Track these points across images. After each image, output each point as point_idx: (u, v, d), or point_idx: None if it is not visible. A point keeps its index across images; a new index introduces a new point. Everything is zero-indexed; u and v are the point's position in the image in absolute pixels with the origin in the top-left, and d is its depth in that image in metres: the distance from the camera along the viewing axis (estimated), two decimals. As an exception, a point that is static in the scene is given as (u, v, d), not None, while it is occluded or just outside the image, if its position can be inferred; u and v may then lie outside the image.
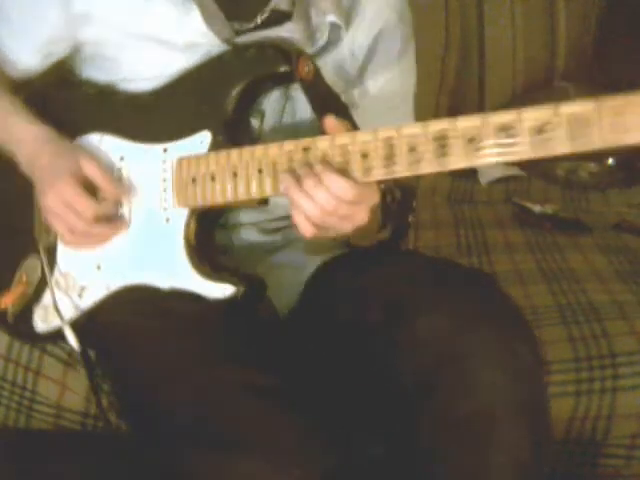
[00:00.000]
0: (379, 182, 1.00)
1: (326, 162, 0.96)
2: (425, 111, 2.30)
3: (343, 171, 0.95)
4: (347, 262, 1.19)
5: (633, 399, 1.34)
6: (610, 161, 2.25)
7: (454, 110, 2.40)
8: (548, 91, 2.39)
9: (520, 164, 2.33)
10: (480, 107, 2.44)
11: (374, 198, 0.99)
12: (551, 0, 2.44)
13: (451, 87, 2.39)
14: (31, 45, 1.19)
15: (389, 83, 1.24)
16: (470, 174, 2.29)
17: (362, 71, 1.21)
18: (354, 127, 1.02)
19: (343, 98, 1.17)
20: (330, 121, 0.98)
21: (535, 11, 2.43)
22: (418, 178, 2.35)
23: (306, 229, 0.97)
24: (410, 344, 0.99)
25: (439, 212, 2.07)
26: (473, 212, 2.06)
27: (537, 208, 2.00)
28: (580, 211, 2.06)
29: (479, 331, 0.97)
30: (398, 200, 1.13)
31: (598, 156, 2.26)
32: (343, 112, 1.09)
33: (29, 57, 1.21)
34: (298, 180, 0.95)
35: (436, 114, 2.35)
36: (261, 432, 0.92)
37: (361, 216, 0.98)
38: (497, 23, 2.41)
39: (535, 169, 2.31)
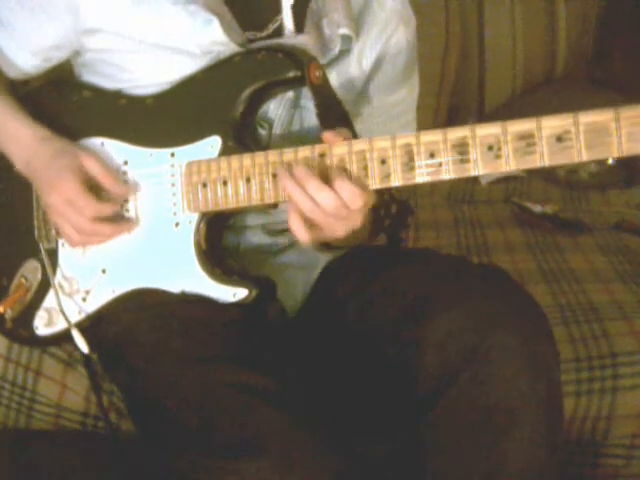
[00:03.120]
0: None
1: (341, 166, 0.97)
2: (425, 111, 2.31)
3: (359, 177, 0.96)
4: (356, 262, 1.19)
5: (633, 399, 1.34)
6: (610, 161, 2.25)
7: (454, 110, 2.40)
8: (548, 91, 2.39)
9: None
10: (480, 107, 2.44)
11: (370, 203, 1.00)
12: (551, 0, 2.45)
13: (451, 87, 2.39)
14: (31, 49, 1.18)
15: (394, 93, 1.24)
16: (470, 174, 2.28)
17: (369, 80, 1.21)
18: (353, 136, 1.02)
19: (347, 107, 1.17)
20: (328, 135, 0.99)
21: (535, 11, 2.43)
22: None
23: (301, 233, 0.98)
24: (430, 341, 1.00)
25: (439, 212, 2.07)
26: (473, 212, 2.06)
27: (537, 208, 2.00)
28: (580, 211, 2.06)
29: (499, 327, 0.98)
30: (393, 215, 1.14)
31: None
32: (345, 119, 1.09)
33: (27, 60, 1.19)
34: (301, 182, 0.96)
35: (436, 114, 2.36)
36: (267, 435, 0.92)
37: (355, 220, 0.99)
38: (497, 23, 2.41)
39: (535, 169, 2.31)
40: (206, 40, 1.09)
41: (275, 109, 1.14)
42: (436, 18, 2.33)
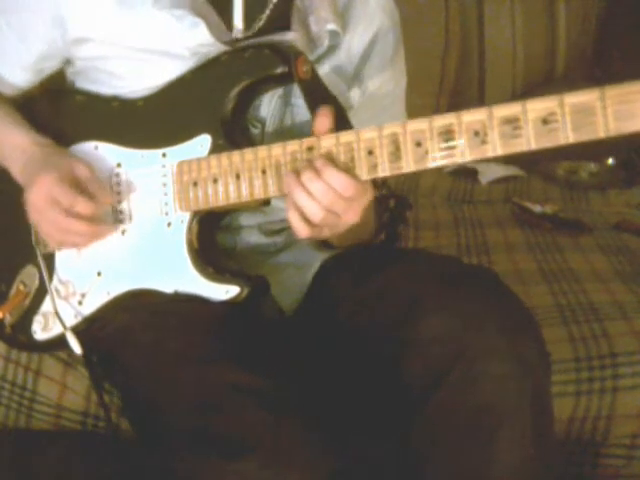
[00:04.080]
0: (380, 180, 1.01)
1: (327, 157, 0.97)
2: (425, 111, 2.30)
3: (347, 169, 0.96)
4: (350, 261, 1.20)
5: (633, 399, 1.34)
6: (610, 161, 2.26)
7: (454, 110, 2.40)
8: (548, 91, 2.39)
9: (520, 164, 2.33)
10: (480, 107, 2.44)
11: (367, 196, 1.00)
12: (551, 0, 2.45)
13: (451, 87, 2.39)
14: (21, 65, 1.20)
15: (383, 84, 1.24)
16: (470, 174, 2.29)
17: (357, 73, 1.22)
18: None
19: (340, 101, 1.18)
20: (319, 124, 0.99)
21: (535, 11, 2.43)
22: (418, 178, 2.36)
23: (301, 228, 0.98)
24: (419, 342, 1.00)
25: (439, 212, 2.07)
26: (473, 212, 2.06)
27: (537, 208, 2.00)
28: (580, 211, 2.07)
29: (486, 328, 0.98)
30: (391, 209, 1.14)
31: (598, 156, 2.26)
32: (340, 113, 1.09)
33: (20, 76, 1.21)
34: (297, 175, 0.97)
35: (436, 114, 2.35)
36: (262, 435, 0.92)
37: (352, 215, 0.99)
38: (497, 23, 2.41)
39: (535, 169, 2.31)
40: (193, 42, 1.09)
41: (266, 108, 1.15)
42: (436, 18, 2.33)
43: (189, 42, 1.09)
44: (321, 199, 0.96)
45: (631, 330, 1.41)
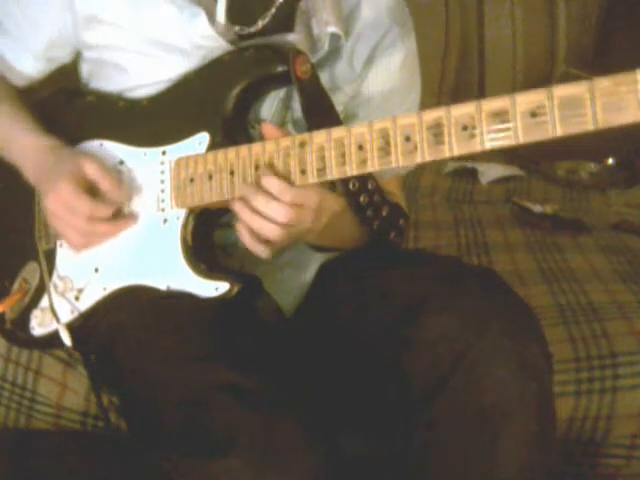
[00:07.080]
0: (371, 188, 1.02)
1: (269, 166, 1.00)
2: (425, 111, 2.32)
3: (285, 173, 0.99)
4: (351, 262, 1.20)
5: (633, 399, 1.34)
6: (610, 161, 2.26)
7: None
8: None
9: (520, 164, 2.33)
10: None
11: (314, 199, 1.01)
12: (551, 0, 2.45)
13: (451, 87, 2.39)
14: (33, 53, 1.21)
15: (390, 95, 1.23)
16: (470, 174, 2.29)
17: (361, 81, 1.21)
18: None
19: (342, 107, 1.18)
20: (267, 128, 1.02)
21: (535, 11, 2.44)
22: (418, 178, 2.35)
23: (262, 251, 1.01)
24: (421, 343, 1.00)
25: (439, 212, 2.07)
26: (473, 212, 2.06)
27: (537, 208, 2.00)
28: (580, 211, 2.07)
29: (490, 330, 0.98)
30: (383, 217, 1.14)
31: (598, 156, 2.27)
32: (333, 116, 1.10)
33: (31, 64, 1.22)
34: (247, 199, 1.00)
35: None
36: (249, 434, 0.92)
37: (306, 220, 1.01)
38: (497, 23, 2.42)
39: (535, 169, 2.32)
40: (194, 34, 1.10)
41: (267, 110, 1.15)
42: (436, 18, 2.34)
43: (190, 33, 1.10)
44: (264, 211, 0.98)
45: (631, 330, 1.41)
